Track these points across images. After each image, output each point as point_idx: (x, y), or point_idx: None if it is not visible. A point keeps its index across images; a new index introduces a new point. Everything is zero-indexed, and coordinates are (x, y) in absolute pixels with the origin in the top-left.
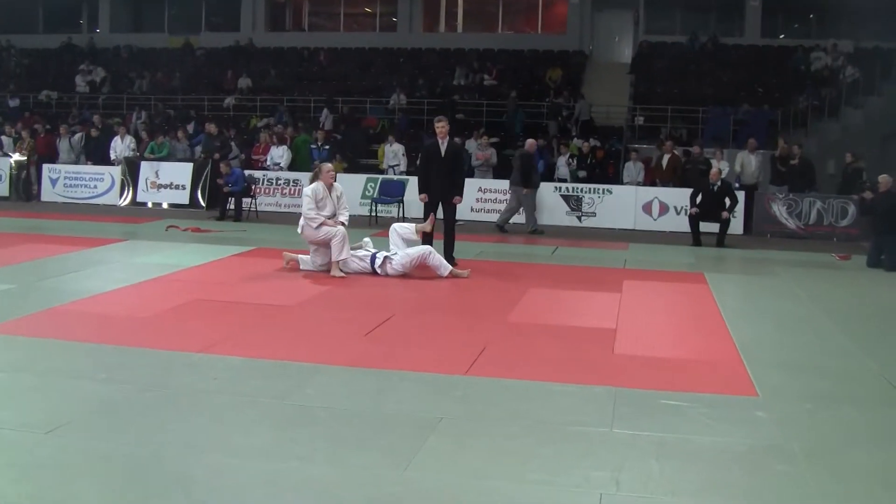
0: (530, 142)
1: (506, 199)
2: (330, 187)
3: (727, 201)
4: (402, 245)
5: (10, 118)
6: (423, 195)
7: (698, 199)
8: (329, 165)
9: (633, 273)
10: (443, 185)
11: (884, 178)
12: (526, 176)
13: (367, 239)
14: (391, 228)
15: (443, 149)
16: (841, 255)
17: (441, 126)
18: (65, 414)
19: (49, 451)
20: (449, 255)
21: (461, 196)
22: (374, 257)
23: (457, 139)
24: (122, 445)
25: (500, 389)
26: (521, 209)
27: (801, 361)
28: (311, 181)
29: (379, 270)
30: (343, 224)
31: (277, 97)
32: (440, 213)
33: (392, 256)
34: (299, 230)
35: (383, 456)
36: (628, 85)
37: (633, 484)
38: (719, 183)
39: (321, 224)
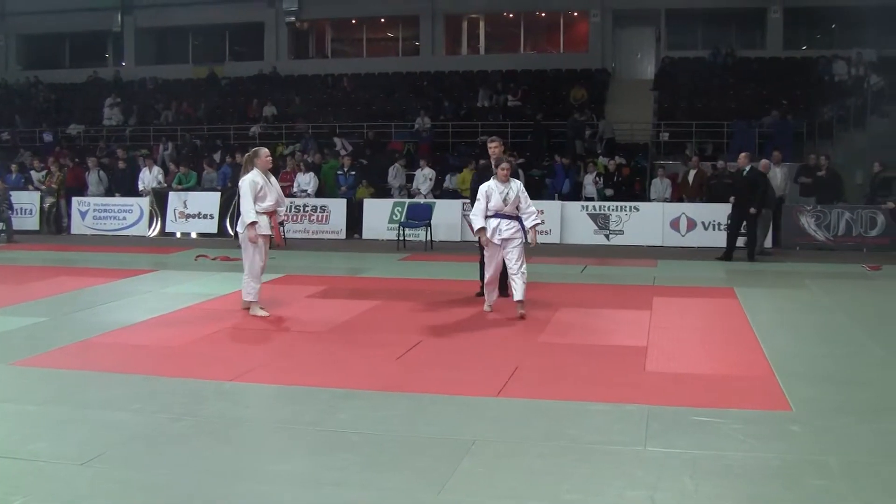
0: (764, 162)
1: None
2: (267, 174)
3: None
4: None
5: (42, 153)
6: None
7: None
8: (265, 150)
9: (662, 290)
10: None
11: None
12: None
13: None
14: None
15: None
16: (871, 266)
17: (495, 146)
18: (100, 445)
19: (85, 482)
20: (504, 283)
21: None
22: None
23: (511, 159)
24: (157, 475)
25: (533, 410)
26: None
27: (834, 374)
28: (244, 171)
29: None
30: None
31: (303, 124)
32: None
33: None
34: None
35: (418, 479)
36: (652, 101)
37: (667, 502)
38: (749, 168)
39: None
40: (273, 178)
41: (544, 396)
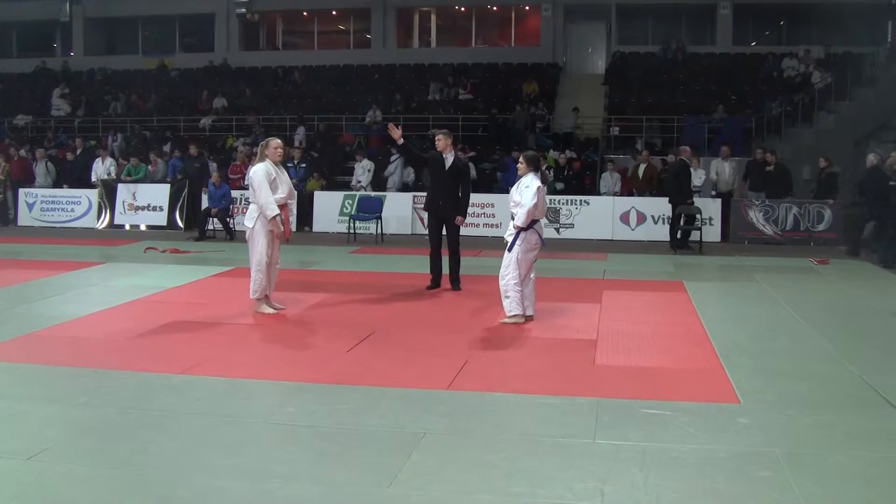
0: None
1: (483, 213)
2: (278, 165)
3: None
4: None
5: None
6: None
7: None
8: (277, 141)
9: (612, 283)
10: (446, 201)
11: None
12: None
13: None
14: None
15: (447, 162)
16: (818, 260)
17: (439, 140)
18: (45, 439)
19: (31, 477)
20: (455, 277)
21: (464, 216)
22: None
23: (460, 154)
24: (104, 469)
25: (483, 403)
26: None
27: (781, 367)
28: (257, 160)
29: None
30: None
31: (253, 116)
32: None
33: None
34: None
35: (367, 472)
36: (603, 96)
37: (617, 494)
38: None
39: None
40: (283, 170)
41: (494, 389)
